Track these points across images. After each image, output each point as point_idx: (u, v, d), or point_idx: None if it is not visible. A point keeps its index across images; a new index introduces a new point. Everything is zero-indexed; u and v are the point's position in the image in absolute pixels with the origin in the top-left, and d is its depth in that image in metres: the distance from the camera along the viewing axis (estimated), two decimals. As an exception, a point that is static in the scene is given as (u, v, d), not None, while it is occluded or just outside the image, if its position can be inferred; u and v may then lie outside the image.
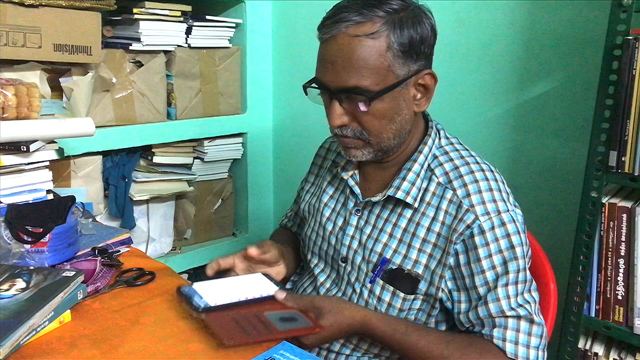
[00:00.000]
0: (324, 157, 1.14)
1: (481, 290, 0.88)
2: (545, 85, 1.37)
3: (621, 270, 1.04)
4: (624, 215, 1.02)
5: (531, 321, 0.86)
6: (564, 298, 1.10)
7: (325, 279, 1.04)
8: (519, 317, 0.86)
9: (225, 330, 0.75)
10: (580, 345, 1.12)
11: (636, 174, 0.99)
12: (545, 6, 1.33)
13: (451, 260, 0.90)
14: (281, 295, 0.85)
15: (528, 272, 0.90)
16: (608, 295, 1.06)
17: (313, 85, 0.92)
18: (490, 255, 0.88)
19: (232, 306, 0.82)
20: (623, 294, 1.05)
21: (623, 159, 0.99)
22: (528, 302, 0.88)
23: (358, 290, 0.97)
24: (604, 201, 1.04)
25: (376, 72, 0.85)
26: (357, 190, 1.00)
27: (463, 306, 0.90)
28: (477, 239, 0.88)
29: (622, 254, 1.04)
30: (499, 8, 1.41)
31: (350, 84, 0.85)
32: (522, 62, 1.40)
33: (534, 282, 0.91)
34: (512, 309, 0.86)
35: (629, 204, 1.02)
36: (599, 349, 1.11)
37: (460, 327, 0.92)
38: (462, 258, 0.89)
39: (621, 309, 1.05)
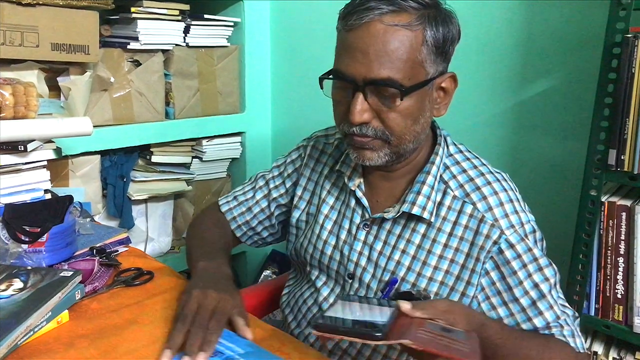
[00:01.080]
0: (316, 160, 1.05)
1: (524, 302, 0.86)
2: (544, 83, 1.37)
3: (621, 269, 1.04)
4: (624, 214, 1.02)
5: (572, 316, 0.89)
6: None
7: (329, 293, 0.99)
8: (567, 315, 0.88)
9: (455, 351, 0.63)
10: (580, 344, 1.12)
11: (635, 173, 0.98)
12: (544, 4, 1.33)
13: (483, 281, 0.87)
14: (407, 306, 0.69)
15: (553, 280, 0.89)
16: (607, 294, 1.06)
17: (331, 77, 0.85)
18: (524, 266, 0.86)
19: (391, 323, 0.67)
20: (622, 292, 1.05)
21: (622, 157, 0.99)
22: (566, 306, 0.89)
23: None
24: (603, 200, 1.04)
25: (410, 65, 0.80)
26: (365, 202, 0.94)
27: (506, 321, 0.88)
28: (507, 253, 0.86)
29: (622, 252, 1.03)
30: (497, 6, 1.41)
31: (382, 75, 0.79)
32: (520, 60, 1.40)
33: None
34: (563, 312, 0.87)
35: (628, 203, 1.02)
36: (598, 347, 1.11)
37: None
38: (494, 275, 0.87)
39: (621, 307, 1.05)
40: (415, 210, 0.89)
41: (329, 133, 1.08)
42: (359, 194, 0.95)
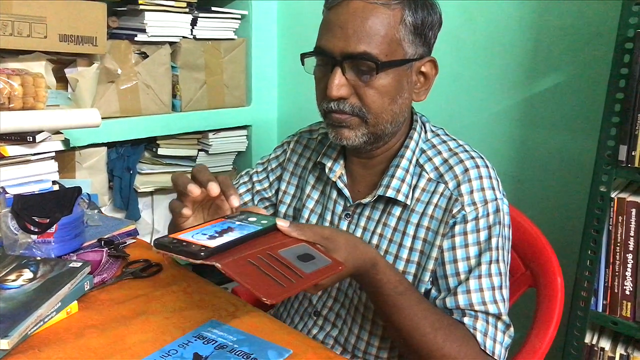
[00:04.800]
0: (300, 155, 1.06)
1: (451, 281, 0.85)
2: (554, 78, 1.36)
3: (629, 266, 1.04)
4: (633, 210, 1.02)
5: (498, 318, 0.83)
6: (571, 293, 1.10)
7: None
8: (487, 312, 0.83)
9: (255, 282, 0.60)
10: (587, 340, 1.12)
11: (646, 169, 0.98)
12: (554, -1, 1.32)
13: (435, 254, 0.87)
14: (285, 225, 0.70)
15: (503, 266, 0.86)
16: (616, 290, 1.06)
17: (311, 53, 0.87)
18: (466, 246, 0.85)
19: (235, 245, 0.65)
20: (631, 289, 1.04)
21: (633, 153, 0.99)
22: (497, 302, 0.84)
23: (350, 296, 0.94)
24: (613, 196, 1.04)
25: (387, 42, 0.82)
26: (346, 192, 0.95)
27: (432, 293, 0.87)
28: (456, 228, 0.85)
29: (631, 248, 1.03)
30: (507, 0, 1.40)
31: (359, 49, 0.81)
32: (530, 55, 1.39)
33: (507, 278, 0.88)
34: (483, 303, 0.83)
35: (638, 199, 1.02)
36: (605, 344, 1.11)
37: None
38: (444, 245, 0.86)
39: (629, 304, 1.05)
40: (390, 193, 0.90)
41: (313, 129, 1.09)
42: (340, 184, 0.96)
